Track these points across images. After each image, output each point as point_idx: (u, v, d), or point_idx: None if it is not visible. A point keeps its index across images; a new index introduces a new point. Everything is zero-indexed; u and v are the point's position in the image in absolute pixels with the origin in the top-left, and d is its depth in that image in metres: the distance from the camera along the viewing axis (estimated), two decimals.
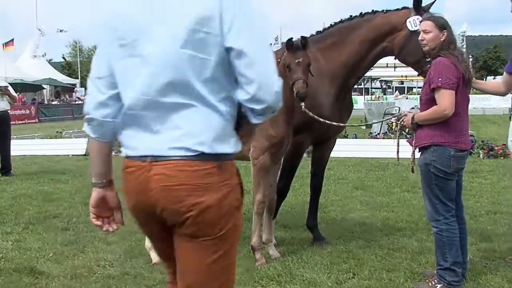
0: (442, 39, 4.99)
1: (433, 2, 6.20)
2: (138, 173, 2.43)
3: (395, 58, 6.37)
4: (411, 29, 5.94)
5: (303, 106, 5.62)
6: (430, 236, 6.61)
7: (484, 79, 54.59)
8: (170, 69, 2.35)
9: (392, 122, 19.22)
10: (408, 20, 5.98)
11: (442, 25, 5.04)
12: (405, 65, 6.71)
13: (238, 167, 2.59)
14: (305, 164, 7.73)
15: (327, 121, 5.97)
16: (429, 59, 5.19)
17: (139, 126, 2.45)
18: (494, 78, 58.41)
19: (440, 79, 4.83)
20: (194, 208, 2.37)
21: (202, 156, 2.36)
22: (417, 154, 5.19)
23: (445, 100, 4.84)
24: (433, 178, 4.98)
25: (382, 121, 8.81)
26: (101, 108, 2.55)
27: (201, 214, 2.38)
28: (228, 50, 2.36)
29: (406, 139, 5.31)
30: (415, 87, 56.40)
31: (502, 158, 13.60)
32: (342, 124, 6.37)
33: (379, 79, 58.35)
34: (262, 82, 2.36)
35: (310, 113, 5.79)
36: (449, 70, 4.87)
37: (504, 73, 6.11)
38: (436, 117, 4.91)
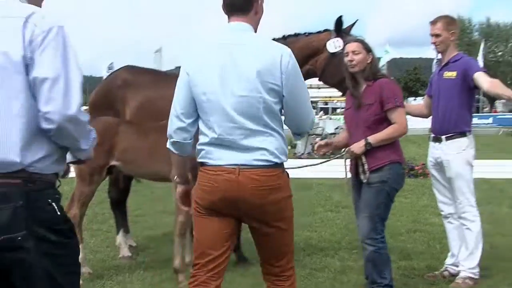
0: (368, 61, 5.15)
1: (353, 24, 6.36)
2: (228, 175, 3.43)
3: (319, 80, 6.48)
4: (331, 51, 6.08)
5: None
6: (352, 256, 6.75)
7: (405, 100, 56.17)
8: (249, 107, 3.41)
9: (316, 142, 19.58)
10: (328, 42, 6.11)
11: (369, 47, 5.20)
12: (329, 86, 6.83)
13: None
14: None
15: None
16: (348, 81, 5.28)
17: (225, 145, 3.46)
18: (414, 99, 60.09)
19: (396, 99, 5.04)
20: (273, 202, 3.50)
21: (275, 165, 3.47)
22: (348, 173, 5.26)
23: (404, 118, 5.10)
24: (385, 196, 5.09)
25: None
26: (182, 133, 3.61)
27: (278, 206, 3.54)
28: (283, 97, 3.48)
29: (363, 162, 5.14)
30: (339, 108, 57.34)
31: (421, 177, 13.97)
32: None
33: None
34: (299, 121, 3.66)
35: None
36: (399, 90, 5.16)
37: (425, 95, 6.34)
38: (397, 135, 5.10)
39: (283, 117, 3.63)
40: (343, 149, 5.38)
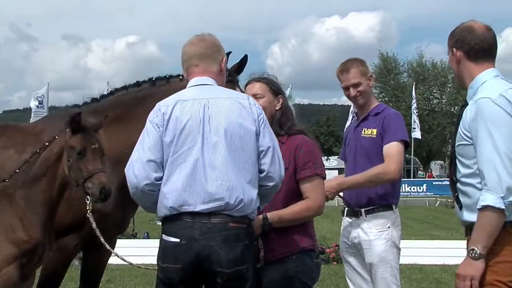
0: (277, 108, 5.03)
1: (242, 63, 6.35)
2: None
3: None
4: None
5: (89, 210, 5.47)
6: None
7: None
8: None
9: None
10: None
11: (277, 88, 5.05)
12: None
13: None
14: (76, 275, 7.56)
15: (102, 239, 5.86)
16: None
17: None
18: (327, 159, 61.05)
19: (316, 164, 4.86)
20: None
21: None
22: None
23: (321, 193, 4.93)
24: None
25: None
26: None
27: None
28: None
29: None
30: None
31: (335, 263, 13.90)
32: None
33: None
34: None
35: (91, 218, 5.59)
36: (320, 155, 5.02)
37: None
38: (308, 215, 4.92)
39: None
40: None
